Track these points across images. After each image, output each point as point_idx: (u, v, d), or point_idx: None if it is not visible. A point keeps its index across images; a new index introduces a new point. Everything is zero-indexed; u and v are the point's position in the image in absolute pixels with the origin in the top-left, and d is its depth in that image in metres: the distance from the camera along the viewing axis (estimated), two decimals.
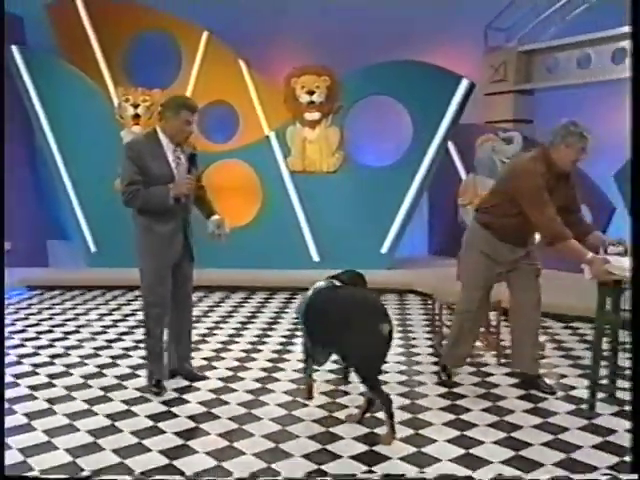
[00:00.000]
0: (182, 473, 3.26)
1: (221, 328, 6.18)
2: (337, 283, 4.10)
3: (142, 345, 4.91)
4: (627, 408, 4.02)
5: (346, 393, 4.36)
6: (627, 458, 3.41)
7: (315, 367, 4.29)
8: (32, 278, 8.09)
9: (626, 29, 8.33)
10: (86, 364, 5.06)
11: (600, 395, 4.12)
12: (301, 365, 4.94)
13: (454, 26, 9.22)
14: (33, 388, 4.51)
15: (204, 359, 5.16)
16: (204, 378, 4.70)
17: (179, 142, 4.38)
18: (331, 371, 4.71)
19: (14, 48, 8.18)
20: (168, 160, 4.32)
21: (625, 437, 3.65)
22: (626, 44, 8.47)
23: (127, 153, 4.31)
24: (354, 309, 3.72)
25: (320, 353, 4.10)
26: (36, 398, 4.32)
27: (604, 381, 4.16)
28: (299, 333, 5.92)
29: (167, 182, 4.27)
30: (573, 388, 4.46)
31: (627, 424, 3.81)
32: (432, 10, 9.19)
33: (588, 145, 4.03)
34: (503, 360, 5.04)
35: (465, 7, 9.03)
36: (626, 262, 3.81)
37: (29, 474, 3.27)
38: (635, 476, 2.49)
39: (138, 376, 4.72)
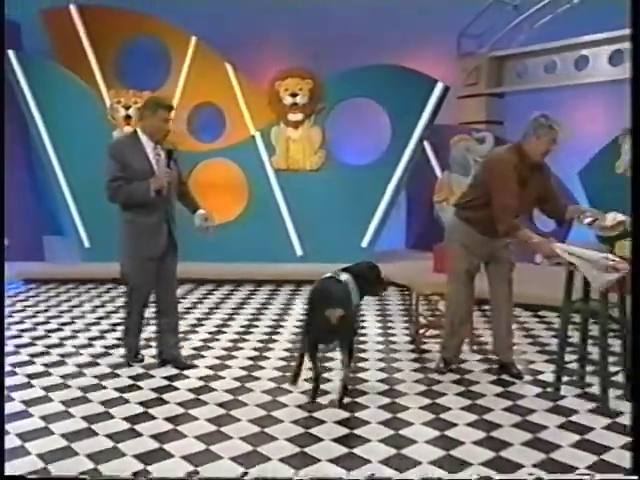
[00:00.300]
0: (172, 456, 3.26)
1: (209, 319, 6.16)
2: (338, 274, 4.13)
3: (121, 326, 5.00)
4: (590, 390, 4.08)
5: (328, 380, 4.38)
6: (588, 437, 3.46)
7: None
8: (29, 272, 8.04)
9: (587, 38, 8.44)
10: (80, 354, 5.03)
11: (565, 379, 4.17)
12: (285, 354, 4.97)
13: (430, 32, 9.25)
14: (30, 377, 4.47)
15: (193, 349, 5.14)
16: (192, 367, 4.69)
17: (159, 140, 4.45)
18: None
19: (10, 53, 8.10)
20: (148, 157, 4.41)
21: (586, 416, 3.72)
22: (588, 52, 8.59)
23: (110, 152, 4.41)
24: (316, 297, 4.01)
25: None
26: (33, 386, 4.29)
27: (570, 365, 4.20)
28: (284, 323, 5.96)
29: (148, 177, 4.34)
30: (540, 373, 4.51)
31: (589, 405, 3.88)
32: (409, 17, 9.23)
33: (558, 137, 4.04)
34: (476, 347, 5.07)
35: (440, 15, 9.05)
36: (578, 250, 3.88)
37: (26, 458, 3.25)
38: (635, 477, 2.48)
39: (131, 365, 4.70)
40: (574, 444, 3.39)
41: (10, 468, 3.03)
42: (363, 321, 5.88)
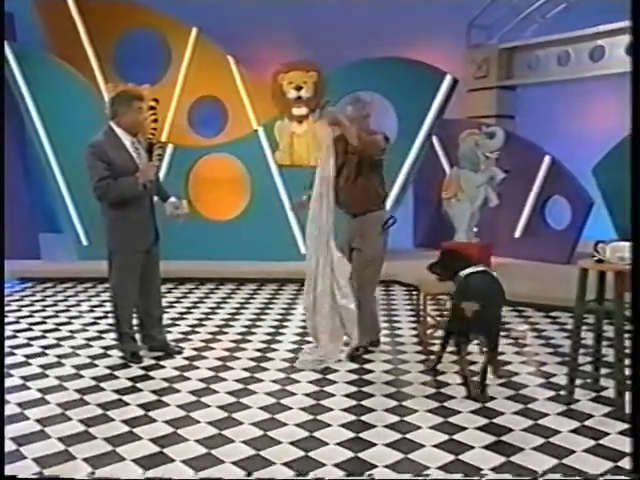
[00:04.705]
0: (172, 460, 3.26)
1: (210, 319, 6.16)
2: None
3: (113, 328, 5.01)
4: (605, 394, 4.06)
5: (333, 382, 4.37)
6: (603, 442, 3.45)
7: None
8: (25, 270, 8.04)
9: (603, 27, 8.38)
10: (78, 355, 5.04)
11: (579, 382, 4.15)
12: (289, 355, 4.97)
13: (438, 24, 9.22)
14: (26, 379, 4.48)
15: (194, 349, 5.14)
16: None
17: (137, 132, 4.62)
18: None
19: (5, 44, 8.08)
20: (129, 151, 4.57)
21: (601, 421, 3.70)
22: (604, 42, 8.53)
23: (92, 152, 4.53)
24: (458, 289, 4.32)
25: None
26: (29, 388, 4.29)
27: (584, 368, 4.19)
28: (287, 323, 5.95)
29: (132, 172, 4.50)
30: (553, 375, 4.49)
31: (604, 409, 3.86)
32: (416, 8, 9.18)
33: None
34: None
35: (449, 4, 9.02)
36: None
37: (22, 462, 3.25)
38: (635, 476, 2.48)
39: (129, 366, 4.70)
40: (588, 449, 3.38)
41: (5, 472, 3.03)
42: None
